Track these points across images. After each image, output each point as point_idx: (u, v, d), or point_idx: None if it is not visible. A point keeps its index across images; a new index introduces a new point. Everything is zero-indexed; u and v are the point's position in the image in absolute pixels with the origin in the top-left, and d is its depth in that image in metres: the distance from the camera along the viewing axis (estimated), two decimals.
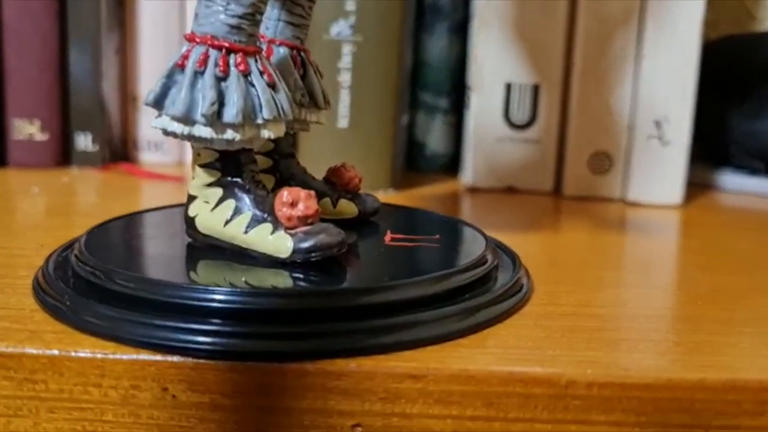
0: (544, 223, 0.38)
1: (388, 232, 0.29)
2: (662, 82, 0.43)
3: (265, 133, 0.25)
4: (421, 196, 0.44)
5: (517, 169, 0.46)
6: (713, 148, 0.52)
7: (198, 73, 0.24)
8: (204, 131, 0.24)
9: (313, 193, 0.25)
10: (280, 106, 0.25)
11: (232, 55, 0.24)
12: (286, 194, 0.24)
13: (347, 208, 0.30)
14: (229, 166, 0.25)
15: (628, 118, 0.44)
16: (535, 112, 0.45)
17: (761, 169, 0.50)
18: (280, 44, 0.29)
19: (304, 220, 0.24)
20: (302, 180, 0.30)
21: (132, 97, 0.51)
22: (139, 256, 0.27)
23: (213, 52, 0.24)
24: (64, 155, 0.49)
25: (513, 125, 0.45)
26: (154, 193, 0.44)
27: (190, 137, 0.24)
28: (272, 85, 0.25)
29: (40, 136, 0.48)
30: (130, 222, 0.30)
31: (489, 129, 0.45)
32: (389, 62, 0.43)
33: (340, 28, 0.42)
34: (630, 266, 0.32)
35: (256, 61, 0.25)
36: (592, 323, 0.25)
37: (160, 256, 0.26)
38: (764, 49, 0.50)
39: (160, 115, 0.25)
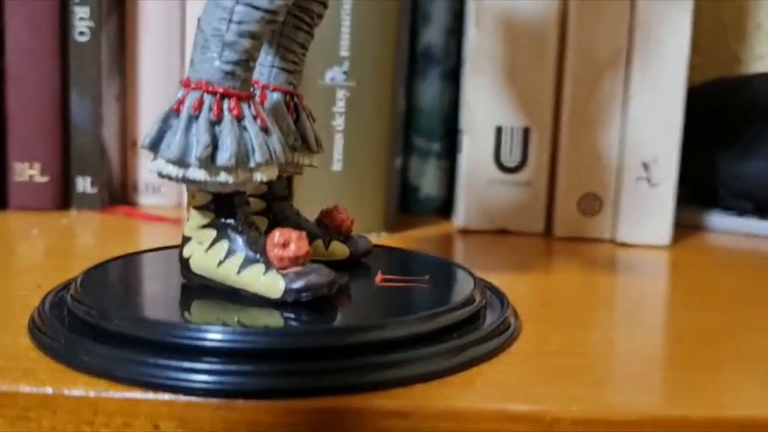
0: (534, 264, 0.39)
1: (379, 273, 0.29)
2: (649, 124, 0.43)
3: (258, 176, 0.25)
4: (414, 238, 0.45)
5: (509, 211, 0.46)
6: (702, 190, 0.52)
7: (192, 118, 0.25)
8: (198, 174, 0.25)
9: (304, 234, 0.25)
10: (272, 150, 0.26)
11: (226, 100, 0.25)
12: (277, 235, 0.25)
13: (339, 249, 0.31)
14: (222, 208, 0.26)
15: (617, 160, 0.45)
16: (526, 154, 0.46)
17: (749, 210, 0.50)
18: (274, 90, 0.30)
19: (295, 260, 0.25)
20: (295, 222, 0.31)
21: (132, 141, 0.52)
22: (133, 296, 0.27)
23: (207, 98, 0.25)
24: (63, 198, 0.50)
25: (504, 168, 0.46)
26: (152, 235, 0.44)
27: (185, 180, 0.25)
28: (265, 130, 0.26)
29: (40, 179, 0.49)
30: (126, 263, 0.30)
31: (480, 172, 0.46)
32: (382, 107, 0.44)
33: (334, 73, 0.43)
34: (619, 306, 0.33)
35: (249, 106, 0.26)
36: (579, 361, 0.25)
37: (155, 296, 0.27)
38: (749, 92, 0.51)
39: (155, 158, 0.26)
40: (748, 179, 0.50)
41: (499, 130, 0.46)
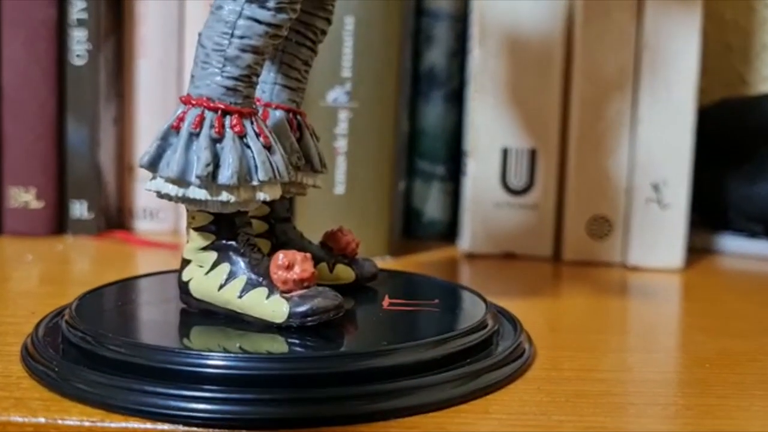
0: (543, 289, 0.38)
1: (386, 296, 0.28)
2: (659, 145, 0.43)
3: (261, 195, 0.24)
4: (419, 262, 0.44)
5: (515, 235, 0.45)
6: (712, 213, 0.51)
7: (193, 135, 0.24)
8: (199, 193, 0.24)
9: (309, 255, 0.24)
10: (275, 168, 0.25)
11: (228, 117, 0.24)
12: (281, 257, 0.24)
13: (344, 273, 0.30)
14: (223, 229, 0.25)
15: (627, 182, 0.44)
16: (533, 177, 0.45)
17: (760, 232, 0.49)
18: (276, 108, 0.29)
19: (300, 283, 0.24)
20: (299, 244, 0.29)
21: (129, 166, 0.51)
22: (131, 322, 0.26)
23: (208, 114, 0.24)
24: (59, 223, 0.49)
25: (510, 190, 0.45)
26: (148, 260, 0.43)
27: (185, 199, 0.24)
28: (268, 147, 0.25)
29: (36, 204, 0.48)
30: (123, 288, 0.29)
31: (486, 194, 0.45)
32: (385, 128, 0.43)
33: (337, 94, 0.42)
34: (632, 330, 0.31)
35: (252, 122, 0.25)
36: (597, 388, 0.24)
37: (153, 321, 0.26)
38: (758, 114, 0.50)
39: (154, 178, 0.25)
40: (759, 202, 0.49)
41: (505, 152, 0.45)
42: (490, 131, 0.45)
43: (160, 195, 0.24)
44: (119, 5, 0.50)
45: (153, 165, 0.24)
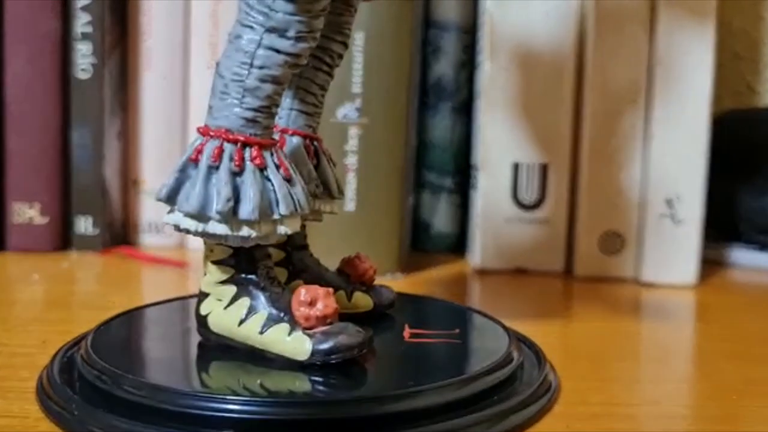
0: (557, 309, 0.37)
1: (407, 326, 0.28)
2: (672, 160, 0.42)
3: (282, 229, 0.24)
4: (430, 279, 0.43)
5: (527, 250, 0.45)
6: (722, 224, 0.51)
7: (212, 168, 0.23)
8: (219, 228, 0.23)
9: (331, 290, 0.24)
10: (296, 201, 0.24)
11: (248, 149, 0.24)
12: (304, 293, 0.23)
13: (362, 301, 0.29)
14: (243, 263, 0.24)
15: (639, 197, 0.43)
16: (544, 191, 0.45)
17: None
18: (293, 134, 0.28)
19: (323, 319, 0.23)
20: (316, 272, 0.29)
21: (133, 180, 0.51)
22: (148, 358, 0.25)
23: (228, 146, 0.24)
24: (63, 239, 0.48)
25: (522, 205, 0.45)
26: (155, 279, 0.43)
27: (204, 234, 0.23)
28: (289, 180, 0.24)
29: (40, 220, 0.48)
30: (137, 318, 0.29)
31: (497, 209, 0.45)
32: (395, 145, 0.42)
33: (347, 110, 0.42)
34: (653, 356, 0.31)
35: (272, 154, 0.24)
36: (629, 426, 0.23)
37: (171, 357, 0.25)
38: (767, 128, 0.50)
39: (172, 211, 0.24)
40: None
41: (516, 167, 0.45)
42: (501, 146, 0.44)
43: (179, 229, 0.24)
44: (124, 19, 0.50)
45: (171, 198, 0.24)
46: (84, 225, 0.48)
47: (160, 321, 0.29)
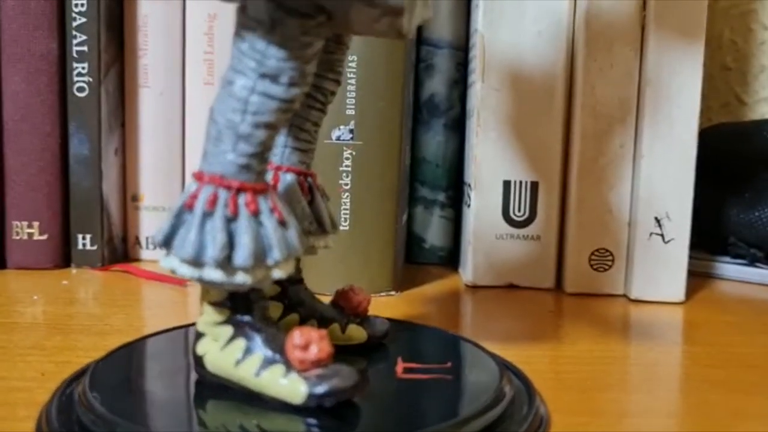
0: (547, 330, 0.38)
1: (399, 360, 0.28)
2: (661, 180, 0.43)
3: (276, 274, 0.24)
4: (424, 296, 0.44)
5: (518, 266, 0.46)
6: (711, 237, 0.52)
7: (207, 215, 0.24)
8: (214, 274, 0.24)
9: (325, 333, 0.24)
10: (290, 245, 0.25)
11: (242, 195, 0.24)
12: (298, 336, 0.24)
13: (356, 333, 0.30)
14: (239, 305, 0.25)
15: (629, 216, 0.44)
16: (535, 209, 0.45)
17: (761, 258, 0.50)
18: (287, 171, 0.29)
19: (317, 363, 0.24)
20: (311, 306, 0.30)
21: (132, 195, 0.51)
22: (146, 399, 0.26)
23: (222, 193, 0.24)
24: (63, 255, 0.49)
25: (513, 222, 0.45)
26: (154, 298, 0.43)
27: (200, 280, 0.24)
28: (282, 223, 0.25)
29: (39, 237, 0.48)
30: (136, 352, 0.29)
31: (489, 227, 0.45)
32: (389, 165, 0.43)
33: (341, 132, 0.42)
34: (642, 386, 0.31)
35: (266, 198, 0.25)
36: None
37: (169, 398, 0.26)
38: (757, 140, 0.51)
39: (168, 254, 0.25)
40: (759, 228, 0.49)
41: (507, 184, 0.45)
42: (492, 165, 0.45)
43: (175, 273, 0.24)
44: (120, 36, 0.50)
45: (167, 243, 0.24)
46: (83, 241, 0.49)
47: (159, 355, 0.30)
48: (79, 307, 0.40)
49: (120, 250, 0.51)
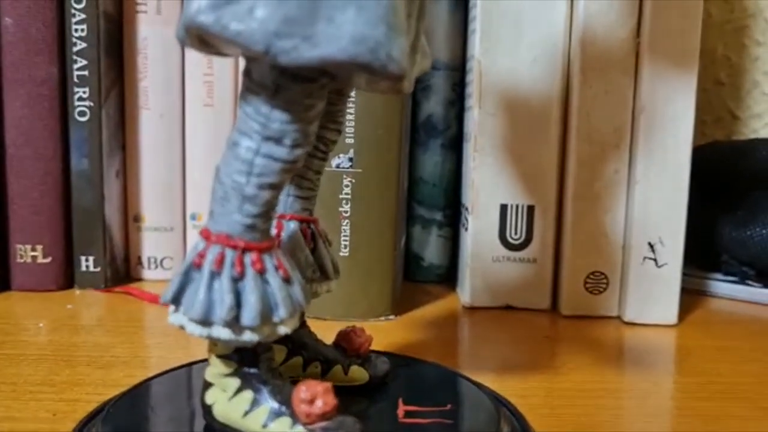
0: (543, 359, 0.39)
1: (400, 403, 0.29)
2: (655, 205, 0.44)
3: (282, 330, 0.25)
4: (421, 320, 0.45)
5: (515, 288, 0.47)
6: (703, 254, 0.53)
7: (215, 274, 0.25)
8: (222, 333, 0.25)
9: (329, 386, 0.25)
10: (295, 301, 0.26)
11: (248, 255, 0.25)
12: (303, 390, 0.25)
13: (358, 374, 0.31)
14: (245, 358, 0.26)
15: (624, 240, 0.45)
16: (531, 232, 0.46)
17: (752, 276, 0.51)
18: (291, 218, 0.30)
19: (322, 416, 0.25)
20: (314, 349, 0.30)
21: (134, 216, 0.52)
22: None
23: (229, 252, 0.25)
24: (66, 277, 0.50)
25: (509, 245, 0.46)
26: (157, 323, 0.44)
27: (209, 337, 0.25)
28: (287, 280, 0.26)
29: (43, 260, 0.49)
30: (143, 398, 0.30)
31: (486, 249, 0.46)
32: (388, 192, 0.44)
33: (340, 160, 0.43)
34: (634, 422, 0.32)
35: (271, 256, 0.26)
36: None
37: None
38: (750, 159, 0.52)
39: (177, 311, 0.25)
40: (752, 247, 0.50)
41: (503, 208, 0.46)
42: (489, 189, 0.46)
43: (183, 329, 0.25)
44: (120, 60, 0.51)
45: (176, 300, 0.25)
46: (86, 263, 0.50)
47: (166, 400, 0.31)
48: (84, 336, 0.41)
49: (122, 270, 0.52)
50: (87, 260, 0.50)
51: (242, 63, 0.25)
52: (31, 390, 0.34)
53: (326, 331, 0.33)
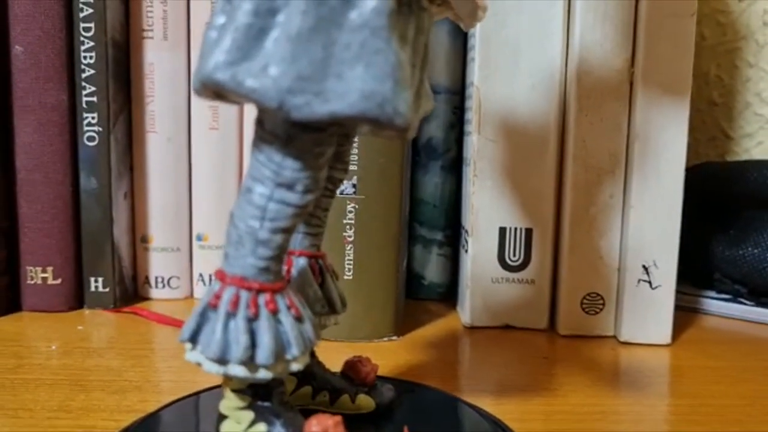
0: (541, 381, 0.40)
1: (406, 430, 0.30)
2: (649, 229, 0.45)
3: (294, 367, 0.27)
4: (423, 340, 0.46)
5: (513, 308, 0.48)
6: (696, 272, 0.54)
7: (230, 315, 0.26)
8: (238, 370, 0.26)
9: (339, 419, 0.27)
10: (306, 339, 0.27)
11: (262, 296, 0.26)
12: (315, 424, 0.26)
13: (365, 402, 0.32)
14: (259, 392, 0.27)
15: (619, 262, 0.46)
16: (529, 254, 0.47)
17: (744, 294, 0.52)
18: (300, 255, 0.31)
19: None
20: (323, 378, 0.32)
21: (142, 236, 0.53)
22: None
23: (244, 294, 0.26)
24: (76, 297, 0.51)
25: (508, 267, 0.48)
26: (167, 344, 0.45)
27: (225, 375, 0.26)
28: (299, 318, 0.27)
29: (53, 282, 0.50)
30: (157, 425, 0.31)
31: (485, 271, 0.48)
32: (390, 217, 0.45)
33: (344, 186, 0.44)
34: None
35: (283, 296, 0.27)
36: None
37: None
38: (742, 181, 0.53)
39: (194, 349, 0.27)
40: (743, 266, 0.51)
41: (502, 231, 0.47)
42: (488, 212, 0.47)
43: (200, 366, 0.26)
44: (127, 85, 0.52)
45: (193, 340, 0.26)
46: (95, 284, 0.51)
47: (180, 428, 0.32)
48: (96, 359, 0.42)
49: (131, 290, 0.53)
50: (96, 281, 0.51)
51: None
52: (48, 416, 0.35)
53: (331, 352, 0.34)
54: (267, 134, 0.26)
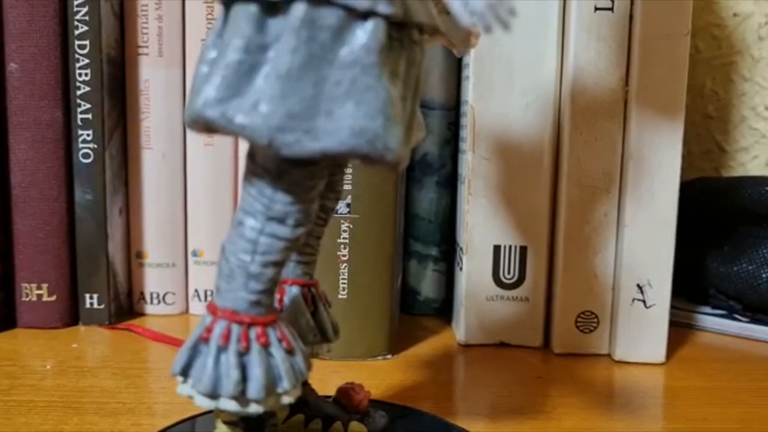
0: (535, 402, 0.40)
1: None
2: (643, 248, 0.45)
3: (286, 399, 0.27)
4: (418, 359, 0.46)
5: (508, 326, 0.48)
6: (691, 287, 0.54)
7: (221, 349, 0.26)
8: (229, 405, 0.26)
9: None
10: (298, 372, 0.27)
11: (253, 329, 0.26)
12: None
13: (358, 430, 0.32)
14: (251, 425, 0.27)
15: (613, 281, 0.46)
16: (524, 271, 0.47)
17: (739, 310, 0.52)
18: (292, 283, 0.31)
19: None
20: (315, 405, 0.32)
21: (137, 252, 0.53)
22: None
23: (235, 328, 0.26)
24: (71, 314, 0.51)
25: (503, 284, 0.48)
26: (161, 364, 0.45)
27: (217, 409, 0.26)
28: (290, 351, 0.27)
29: (48, 298, 0.50)
30: None
31: (480, 289, 0.48)
32: (384, 236, 0.45)
33: (338, 206, 0.44)
34: None
35: (274, 329, 0.27)
36: None
37: None
38: (736, 197, 0.53)
39: (185, 382, 0.27)
40: (738, 282, 0.51)
41: (497, 249, 0.47)
42: (483, 230, 0.47)
43: (192, 400, 0.26)
44: (122, 102, 0.52)
45: (184, 373, 0.26)
46: (90, 300, 0.51)
47: None
48: (90, 379, 0.42)
49: (125, 305, 0.53)
50: (91, 297, 0.51)
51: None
52: None
53: (325, 371, 0.34)
54: (258, 168, 0.26)
